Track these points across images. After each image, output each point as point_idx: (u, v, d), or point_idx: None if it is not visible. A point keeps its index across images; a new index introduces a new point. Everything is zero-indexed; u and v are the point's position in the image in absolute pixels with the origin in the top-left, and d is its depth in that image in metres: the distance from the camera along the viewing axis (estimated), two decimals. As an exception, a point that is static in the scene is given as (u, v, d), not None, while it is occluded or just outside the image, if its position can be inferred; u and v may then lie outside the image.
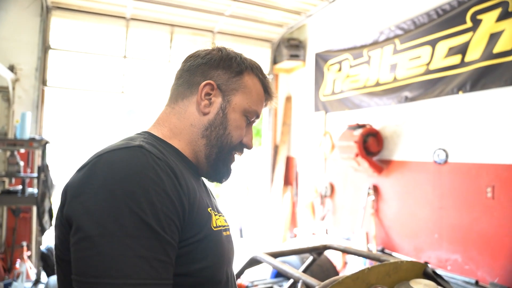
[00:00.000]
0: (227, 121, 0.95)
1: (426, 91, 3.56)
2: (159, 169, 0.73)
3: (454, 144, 3.32)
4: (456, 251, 3.25)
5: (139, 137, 0.84)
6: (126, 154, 0.73)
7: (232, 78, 0.96)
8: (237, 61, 0.97)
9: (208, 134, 0.94)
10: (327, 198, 4.98)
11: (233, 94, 0.95)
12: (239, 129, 0.96)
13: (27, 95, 4.60)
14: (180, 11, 4.96)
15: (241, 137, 0.98)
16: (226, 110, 0.95)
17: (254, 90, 0.98)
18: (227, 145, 0.95)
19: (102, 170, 0.70)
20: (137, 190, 0.68)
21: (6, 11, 4.47)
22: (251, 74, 0.99)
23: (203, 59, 0.97)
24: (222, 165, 0.97)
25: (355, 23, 4.60)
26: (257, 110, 0.99)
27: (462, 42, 3.17)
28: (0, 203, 3.91)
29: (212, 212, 0.88)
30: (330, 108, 4.97)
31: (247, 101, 0.97)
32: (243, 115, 0.97)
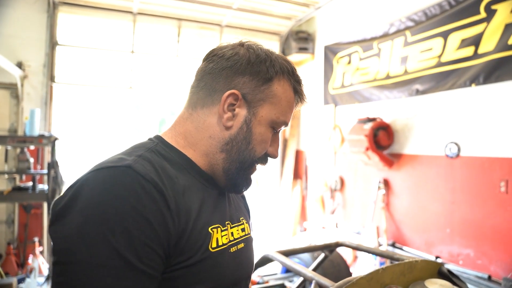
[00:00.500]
0: (251, 135, 0.85)
1: (437, 83, 3.50)
2: (143, 193, 0.68)
3: (466, 138, 3.25)
4: (468, 245, 3.21)
5: (141, 149, 0.79)
6: (110, 175, 0.68)
7: (260, 86, 0.84)
8: (266, 65, 0.85)
9: (229, 148, 0.85)
10: (337, 192, 4.94)
11: (260, 105, 0.85)
12: (264, 142, 0.87)
13: (35, 92, 4.61)
14: (188, 4, 4.92)
15: (265, 150, 0.88)
16: (251, 124, 0.85)
17: (284, 98, 0.87)
18: (249, 159, 0.87)
19: (83, 194, 0.67)
20: (112, 217, 0.64)
21: (13, 9, 4.47)
22: (281, 80, 0.87)
23: (228, 61, 0.85)
24: (242, 179, 0.89)
25: (364, 15, 4.53)
26: (285, 120, 0.88)
27: (476, 33, 3.10)
28: (12, 199, 3.94)
29: (215, 229, 0.82)
30: (340, 101, 4.91)
31: (275, 112, 0.86)
32: (269, 127, 0.87)
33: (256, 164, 0.90)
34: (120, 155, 0.76)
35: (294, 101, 0.89)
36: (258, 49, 0.87)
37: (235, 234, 0.90)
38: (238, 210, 1.00)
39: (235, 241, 0.88)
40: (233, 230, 0.89)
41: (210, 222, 0.81)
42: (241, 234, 0.93)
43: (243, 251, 0.91)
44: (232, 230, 0.89)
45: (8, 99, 4.46)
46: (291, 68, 0.89)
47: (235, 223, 0.93)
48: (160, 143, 0.84)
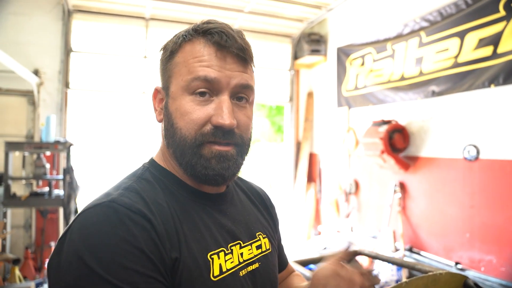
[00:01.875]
0: (171, 115, 0.77)
1: (454, 85, 3.42)
2: (131, 224, 0.64)
3: (485, 140, 3.17)
4: (490, 251, 3.12)
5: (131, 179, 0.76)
6: (96, 214, 0.65)
7: (165, 67, 0.80)
8: (166, 46, 0.81)
9: (168, 141, 0.79)
10: (351, 195, 4.88)
11: (170, 83, 0.78)
12: (187, 114, 0.74)
13: (51, 98, 4.68)
14: (199, 9, 4.93)
15: (196, 122, 0.74)
16: (168, 105, 0.78)
17: (188, 58, 0.76)
18: (182, 140, 0.75)
19: (75, 237, 0.63)
20: (105, 256, 0.61)
21: (30, 17, 4.54)
22: (184, 45, 0.77)
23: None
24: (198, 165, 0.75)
25: (377, 16, 4.47)
26: (198, 75, 0.73)
27: (494, 32, 3.02)
28: (29, 204, 4.00)
29: (216, 255, 0.75)
30: (353, 104, 4.86)
31: (182, 77, 0.75)
32: (186, 96, 0.75)
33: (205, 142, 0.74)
34: (109, 190, 0.73)
35: (210, 52, 0.75)
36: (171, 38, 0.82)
37: (246, 255, 0.83)
38: (254, 224, 0.92)
39: (245, 263, 0.81)
40: (243, 251, 0.82)
41: (209, 248, 0.74)
42: (255, 252, 0.85)
43: (258, 271, 0.84)
44: (242, 250, 0.82)
45: (25, 106, 4.53)
46: (193, 27, 0.78)
47: (247, 241, 0.85)
48: (150, 167, 0.81)
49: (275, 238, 1.00)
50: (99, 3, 4.70)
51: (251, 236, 0.88)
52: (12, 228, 4.13)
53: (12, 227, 4.14)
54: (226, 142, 0.76)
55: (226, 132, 0.75)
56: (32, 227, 4.48)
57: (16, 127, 4.50)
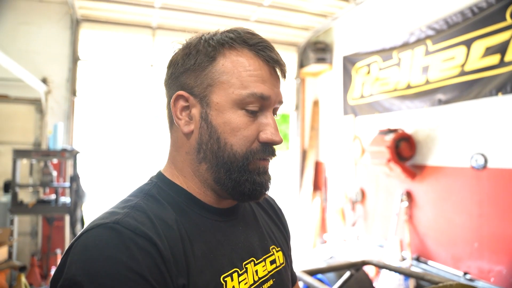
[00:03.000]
0: (216, 129, 0.71)
1: (461, 93, 3.41)
2: (135, 249, 0.60)
3: (493, 149, 3.15)
4: (499, 261, 3.08)
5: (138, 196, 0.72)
6: (98, 235, 0.62)
7: (202, 72, 0.72)
8: (199, 49, 0.73)
9: (204, 156, 0.73)
10: (357, 203, 4.86)
11: (210, 91, 0.71)
12: (239, 130, 0.71)
13: (58, 106, 4.72)
14: (206, 18, 4.97)
15: (249, 139, 0.72)
16: (209, 117, 0.71)
17: (238, 68, 0.71)
18: (232, 157, 0.71)
19: (76, 259, 0.60)
20: (105, 283, 0.57)
21: (38, 26, 4.61)
22: (227, 52, 0.72)
23: (170, 67, 0.77)
24: (245, 182, 0.73)
25: (383, 24, 4.48)
26: (254, 91, 0.71)
27: (501, 40, 3.01)
28: (36, 212, 4.02)
29: (229, 277, 0.71)
30: (359, 112, 4.85)
31: (232, 89, 0.70)
32: (237, 110, 0.71)
33: (254, 159, 0.73)
34: (114, 208, 0.68)
35: (261, 67, 0.73)
36: (193, 38, 0.76)
37: (260, 272, 0.78)
38: (268, 236, 0.88)
39: (260, 281, 0.77)
40: (258, 268, 0.78)
41: (222, 270, 0.70)
42: (269, 268, 0.81)
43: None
44: (257, 267, 0.78)
45: (33, 113, 4.58)
46: (234, 34, 0.74)
47: (261, 256, 0.81)
48: (159, 183, 0.76)
49: (289, 250, 0.96)
50: (106, 13, 4.76)
51: (264, 250, 0.83)
52: (19, 236, 4.15)
53: (19, 235, 4.15)
54: (268, 158, 0.76)
55: (273, 148, 0.76)
56: (39, 234, 4.49)
57: (23, 134, 4.54)
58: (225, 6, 4.69)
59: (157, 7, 4.61)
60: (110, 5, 4.55)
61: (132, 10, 4.70)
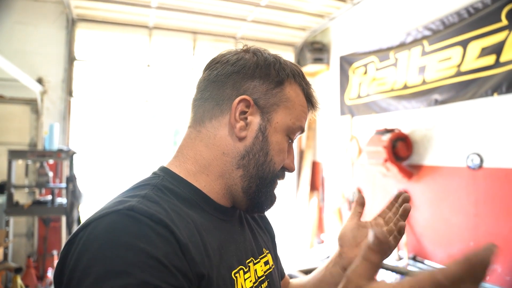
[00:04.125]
0: (269, 145, 0.75)
1: (457, 93, 3.42)
2: (153, 235, 0.58)
3: (489, 149, 3.16)
4: (495, 260, 3.09)
5: (145, 187, 0.69)
6: (112, 222, 0.58)
7: (272, 90, 0.76)
8: (276, 67, 0.77)
9: (246, 163, 0.75)
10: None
11: (274, 110, 0.76)
12: (282, 152, 0.77)
13: (54, 107, 4.70)
14: (203, 18, 4.96)
15: (283, 162, 0.78)
16: (267, 131, 0.75)
17: (298, 102, 0.79)
18: (269, 173, 0.76)
19: (87, 249, 0.56)
20: (125, 270, 0.54)
21: (34, 26, 4.59)
22: (293, 83, 0.79)
23: (234, 66, 0.77)
24: (265, 197, 0.78)
25: (380, 25, 4.49)
26: (301, 125, 0.80)
27: (497, 41, 3.03)
28: (32, 213, 3.99)
29: (238, 274, 0.71)
30: (356, 112, 4.86)
31: (290, 117, 0.77)
32: (285, 135, 0.77)
33: (277, 179, 0.80)
34: (121, 197, 0.66)
35: (306, 105, 0.82)
36: (265, 53, 0.81)
37: (259, 271, 0.80)
38: (260, 239, 0.90)
39: (259, 280, 0.79)
40: (256, 267, 0.79)
41: (233, 266, 0.71)
42: (264, 269, 0.83)
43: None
44: (256, 267, 0.79)
45: (29, 114, 4.55)
46: (301, 72, 0.82)
47: (258, 257, 0.83)
48: (166, 176, 0.74)
49: (275, 250, 0.98)
50: (103, 12, 4.74)
51: (260, 251, 0.85)
52: (14, 237, 4.12)
53: (14, 236, 4.13)
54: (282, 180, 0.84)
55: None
56: (35, 235, 4.47)
57: (19, 135, 4.52)
58: (222, 6, 4.69)
59: (153, 7, 4.60)
60: (106, 4, 4.53)
61: (128, 9, 4.68)
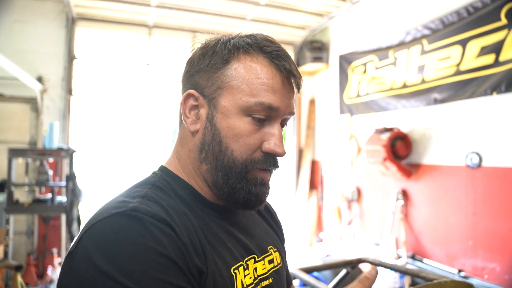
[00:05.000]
0: (219, 132, 0.71)
1: (456, 92, 3.43)
2: (159, 233, 0.59)
3: (488, 148, 3.18)
4: (493, 259, 3.11)
5: (144, 187, 0.70)
6: (118, 223, 0.59)
7: (214, 74, 0.71)
8: (215, 50, 0.72)
9: (205, 156, 0.73)
10: (353, 202, 4.88)
11: (219, 94, 0.71)
12: (242, 136, 0.70)
13: (54, 105, 4.71)
14: (202, 17, 4.97)
15: (251, 147, 0.71)
16: (214, 119, 0.71)
17: (252, 75, 0.70)
18: (231, 163, 0.71)
19: (93, 251, 0.57)
20: (135, 268, 0.55)
21: (34, 25, 4.59)
22: (242, 57, 0.71)
23: (187, 66, 0.77)
24: (240, 190, 0.72)
25: (379, 24, 4.50)
26: (262, 100, 0.69)
27: (496, 40, 3.04)
28: (32, 211, 4.01)
29: (237, 270, 0.72)
30: (355, 111, 4.87)
31: (241, 95, 0.70)
32: (243, 116, 0.70)
33: (254, 168, 0.72)
34: (122, 197, 0.67)
35: (273, 76, 0.71)
36: (212, 39, 0.75)
37: (260, 269, 0.79)
38: (265, 238, 0.88)
39: (259, 278, 0.78)
40: (257, 265, 0.79)
41: (232, 262, 0.72)
42: (268, 267, 0.82)
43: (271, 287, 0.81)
44: (256, 265, 0.79)
45: (28, 112, 4.56)
46: (254, 41, 0.72)
47: (261, 255, 0.82)
48: (163, 175, 0.75)
49: (284, 252, 0.97)
50: (102, 11, 4.74)
51: (263, 250, 0.84)
52: (15, 235, 4.13)
53: (15, 234, 4.14)
54: (270, 169, 0.75)
55: (276, 159, 0.75)
56: (34, 233, 4.48)
57: (19, 133, 4.52)
58: (221, 5, 4.69)
59: (153, 6, 4.60)
60: (106, 3, 4.53)
61: (128, 8, 4.68)
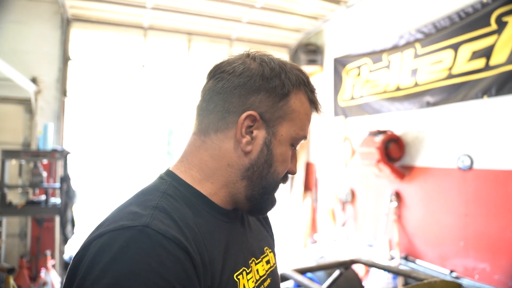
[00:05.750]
0: (273, 157, 0.77)
1: (449, 95, 3.48)
2: (165, 255, 0.61)
3: (479, 150, 3.22)
4: (484, 259, 3.15)
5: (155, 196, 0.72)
6: (128, 239, 0.61)
7: (278, 103, 0.76)
8: (281, 79, 0.76)
9: (250, 175, 0.77)
10: (348, 204, 4.91)
11: (279, 123, 0.76)
12: (286, 161, 0.79)
13: (48, 106, 4.69)
14: (198, 19, 4.99)
15: (286, 169, 0.80)
16: (272, 145, 0.76)
17: (302, 111, 0.79)
18: (272, 182, 0.79)
19: (100, 263, 0.59)
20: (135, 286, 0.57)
21: (28, 25, 4.58)
22: (298, 93, 0.78)
23: (240, 77, 0.75)
24: (266, 202, 0.81)
25: (373, 27, 4.54)
26: (305, 134, 0.80)
27: (487, 45, 3.09)
28: (25, 213, 3.98)
29: (241, 276, 0.75)
30: (350, 113, 4.91)
31: (295, 128, 0.78)
32: (289, 145, 0.78)
33: (279, 184, 0.82)
34: (133, 206, 0.68)
35: (311, 112, 0.82)
36: (271, 62, 0.77)
37: (261, 271, 0.83)
38: (261, 239, 0.92)
39: (261, 279, 0.82)
40: (258, 267, 0.83)
41: (236, 268, 0.75)
42: (266, 268, 0.86)
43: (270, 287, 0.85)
44: (257, 267, 0.83)
45: (22, 113, 4.54)
46: (306, 78, 0.81)
47: (259, 256, 0.86)
48: (173, 182, 0.76)
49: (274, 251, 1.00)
50: (97, 12, 4.74)
51: (261, 251, 0.88)
52: (7, 237, 4.11)
53: (7, 236, 4.12)
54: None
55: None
56: (28, 235, 4.45)
57: (13, 135, 4.50)
58: (217, 7, 4.71)
59: (149, 8, 4.61)
60: (101, 4, 4.54)
61: (123, 10, 4.69)
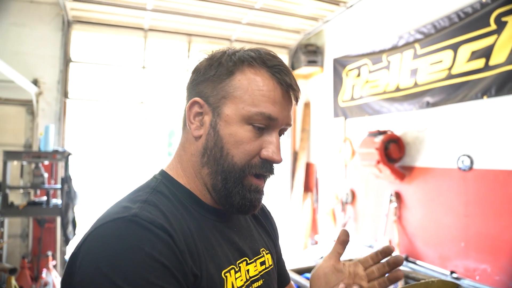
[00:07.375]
0: (221, 139, 0.76)
1: (448, 96, 3.48)
2: (156, 239, 0.64)
3: (479, 150, 3.22)
4: (484, 260, 3.15)
5: (145, 192, 0.75)
6: (118, 227, 0.65)
7: (219, 84, 0.77)
8: (222, 61, 0.78)
9: (207, 160, 0.78)
10: (348, 205, 4.91)
11: (223, 103, 0.77)
12: (243, 143, 0.76)
13: (50, 108, 4.71)
14: (198, 20, 5.00)
15: (250, 153, 0.76)
16: (218, 126, 0.77)
17: (254, 87, 0.76)
18: (231, 167, 0.76)
19: (95, 252, 0.63)
20: (131, 270, 0.60)
21: (30, 27, 4.60)
22: (246, 69, 0.77)
23: (193, 73, 0.83)
24: (237, 194, 0.77)
25: (373, 28, 4.55)
26: (263, 111, 0.75)
27: (486, 45, 3.09)
28: (27, 214, 4.00)
29: (228, 273, 0.76)
30: (350, 114, 4.91)
31: (243, 105, 0.75)
32: (244, 125, 0.76)
33: (250, 174, 0.78)
34: (125, 202, 0.72)
35: (274, 88, 0.77)
36: (220, 51, 0.81)
37: (252, 271, 0.84)
38: (258, 240, 0.93)
39: (251, 280, 0.82)
40: (249, 267, 0.83)
41: (223, 266, 0.76)
42: (259, 269, 0.86)
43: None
44: (248, 267, 0.83)
45: (24, 115, 4.56)
46: (260, 55, 0.79)
47: (253, 257, 0.86)
48: (163, 180, 0.80)
49: (275, 253, 1.00)
50: (98, 14, 4.76)
51: (255, 252, 0.89)
52: (9, 238, 4.12)
53: (9, 237, 4.13)
54: (266, 175, 0.81)
55: (272, 166, 0.81)
56: (29, 236, 4.47)
57: (14, 136, 4.52)
58: (216, 9, 4.72)
59: (149, 9, 4.63)
60: (102, 7, 4.55)
61: (124, 12, 4.71)
